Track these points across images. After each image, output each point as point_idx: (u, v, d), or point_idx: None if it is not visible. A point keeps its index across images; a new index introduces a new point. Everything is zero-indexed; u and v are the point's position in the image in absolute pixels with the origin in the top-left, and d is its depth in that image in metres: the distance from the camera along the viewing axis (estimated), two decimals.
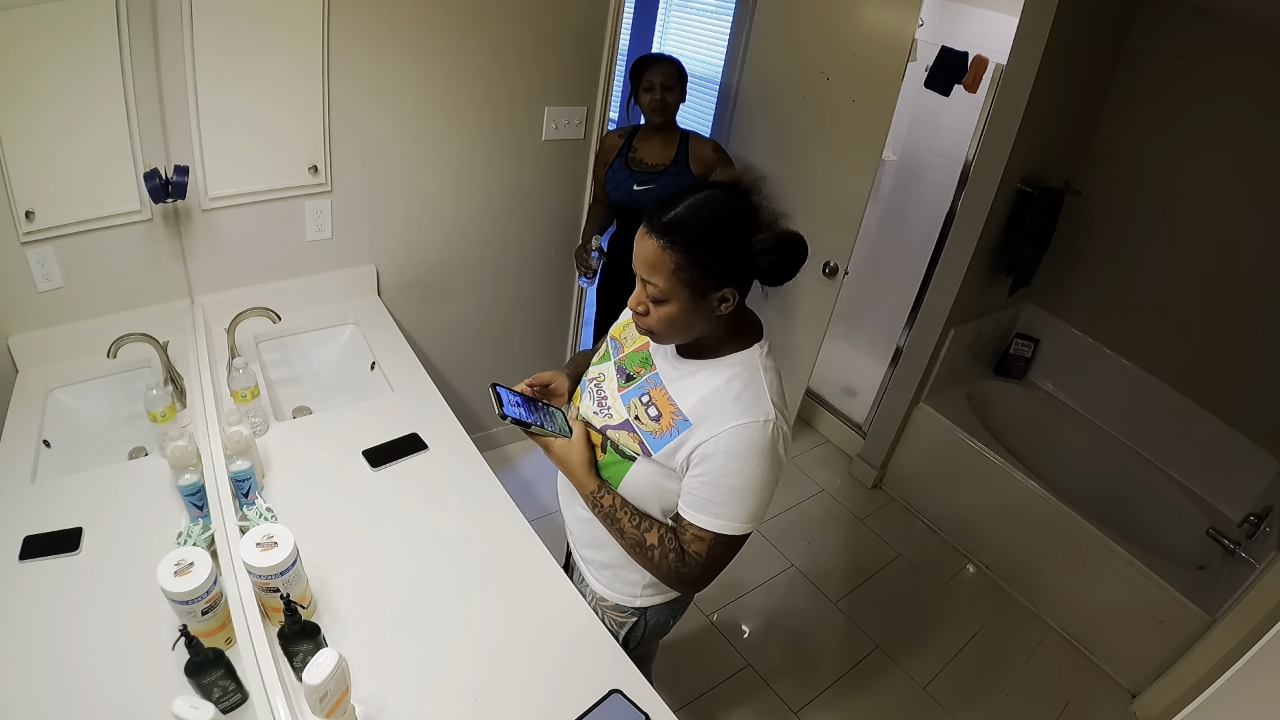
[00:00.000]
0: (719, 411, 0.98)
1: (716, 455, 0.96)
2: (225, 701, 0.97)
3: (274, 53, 1.60)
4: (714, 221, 0.92)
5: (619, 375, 1.12)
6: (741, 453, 0.95)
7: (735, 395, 0.98)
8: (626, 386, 1.10)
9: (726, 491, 0.97)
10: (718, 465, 0.97)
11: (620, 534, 1.08)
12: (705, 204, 0.93)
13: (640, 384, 1.08)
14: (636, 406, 1.07)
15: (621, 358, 1.14)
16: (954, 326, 2.55)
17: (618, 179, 2.12)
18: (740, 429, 0.95)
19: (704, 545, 1.01)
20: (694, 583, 1.06)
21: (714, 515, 0.99)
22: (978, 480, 2.54)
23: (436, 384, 1.76)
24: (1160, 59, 2.33)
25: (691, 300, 0.94)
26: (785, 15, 2.35)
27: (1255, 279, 2.29)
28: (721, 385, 0.99)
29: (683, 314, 0.95)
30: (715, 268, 0.92)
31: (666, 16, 3.94)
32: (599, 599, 1.25)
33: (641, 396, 1.07)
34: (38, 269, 1.38)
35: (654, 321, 0.97)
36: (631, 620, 1.25)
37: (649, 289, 0.95)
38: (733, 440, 0.95)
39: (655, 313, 0.96)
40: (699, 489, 0.99)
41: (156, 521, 1.24)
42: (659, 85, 2.03)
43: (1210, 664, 1.84)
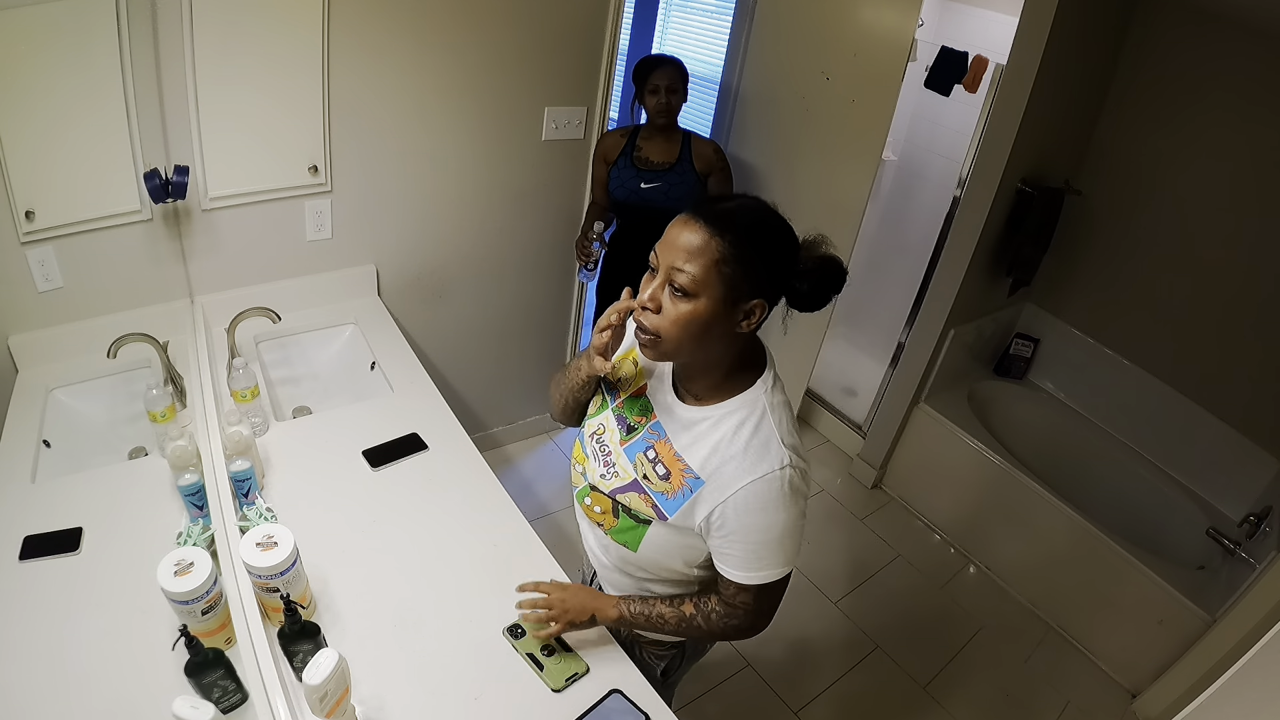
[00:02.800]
0: (729, 466, 0.90)
1: (737, 516, 0.90)
2: (225, 701, 0.97)
3: (274, 52, 1.60)
4: (768, 225, 0.86)
5: (620, 427, 1.03)
6: (760, 509, 0.89)
7: (744, 446, 0.90)
8: (629, 440, 1.01)
9: (756, 547, 0.92)
10: (741, 524, 0.91)
11: (664, 626, 1.06)
12: (759, 207, 0.87)
13: (642, 436, 1.00)
14: (643, 464, 0.99)
15: (619, 405, 1.05)
16: (954, 326, 2.55)
17: (623, 177, 2.12)
18: (755, 485, 0.88)
19: (749, 596, 0.97)
20: (750, 630, 1.03)
21: (753, 570, 0.94)
22: (978, 480, 2.54)
23: (436, 384, 1.76)
24: (1160, 59, 2.33)
25: (722, 302, 0.84)
26: (785, 15, 2.35)
27: (1255, 279, 2.29)
28: (729, 435, 0.91)
29: (705, 317, 0.84)
30: (757, 271, 0.83)
31: (666, 16, 3.94)
32: (636, 636, 1.20)
33: (647, 452, 0.99)
34: (38, 269, 1.38)
35: (666, 323, 0.85)
36: (671, 654, 1.22)
37: (679, 277, 0.83)
38: (750, 499, 0.89)
39: (674, 310, 0.84)
40: (729, 549, 0.94)
41: (156, 521, 1.24)
42: (664, 88, 2.03)
43: (1210, 664, 1.84)
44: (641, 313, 0.88)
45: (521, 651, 1.14)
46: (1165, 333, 2.55)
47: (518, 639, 1.16)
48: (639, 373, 1.03)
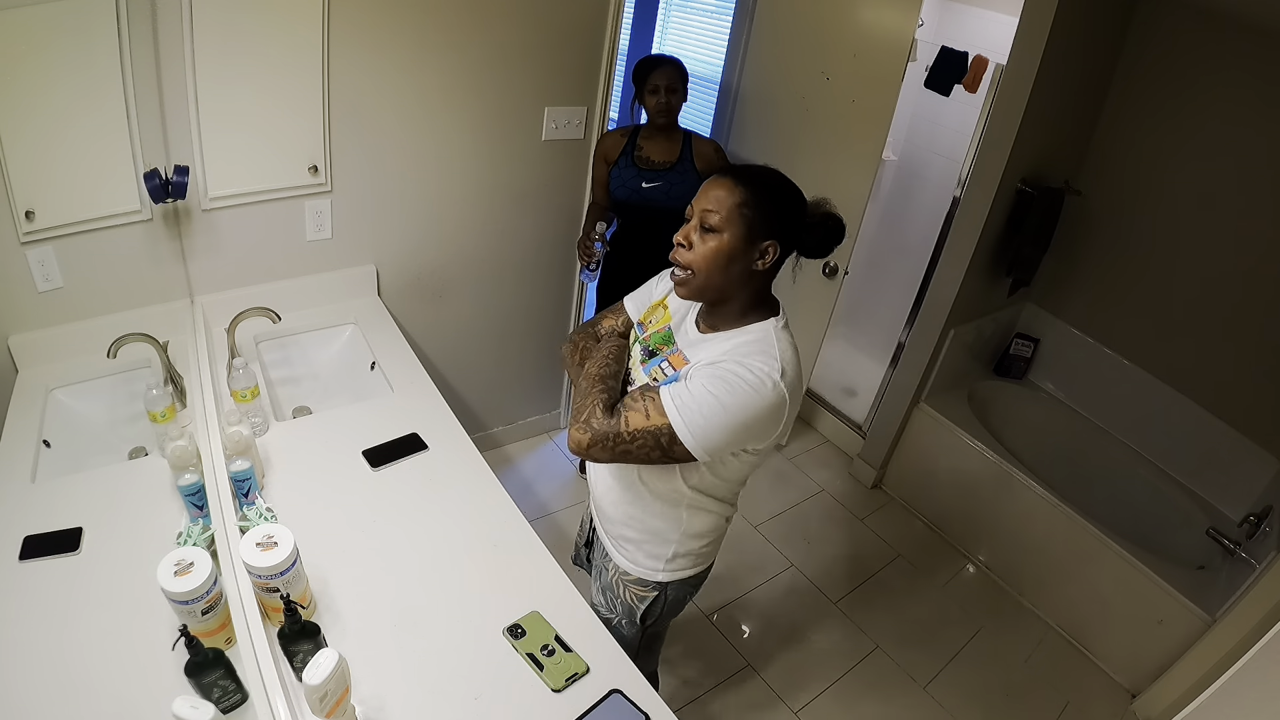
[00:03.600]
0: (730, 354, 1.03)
1: (718, 367, 1.01)
2: (225, 701, 0.97)
3: (274, 52, 1.59)
4: (781, 183, 1.06)
5: (642, 352, 1.19)
6: (735, 376, 0.99)
7: (750, 349, 1.03)
8: (647, 361, 1.17)
9: (703, 395, 0.99)
10: (714, 374, 1.00)
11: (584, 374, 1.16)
12: (774, 171, 1.07)
13: (661, 356, 1.15)
14: (655, 373, 1.14)
15: (645, 337, 1.21)
16: (954, 326, 2.55)
17: (624, 176, 2.12)
18: (746, 362, 1.00)
19: (644, 422, 1.01)
20: (596, 433, 1.03)
21: (679, 410, 1.00)
22: (977, 480, 2.54)
23: (436, 384, 1.76)
24: (1160, 59, 2.33)
25: (741, 239, 1.01)
26: (785, 15, 2.35)
27: (1255, 279, 2.29)
28: (738, 343, 1.05)
29: (727, 251, 1.02)
30: (772, 217, 1.02)
31: (666, 16, 3.94)
32: (622, 573, 1.30)
33: (661, 364, 1.14)
34: (38, 269, 1.38)
35: (696, 256, 1.03)
36: (652, 595, 1.30)
37: (709, 218, 1.02)
38: (734, 366, 1.00)
39: (703, 245, 1.03)
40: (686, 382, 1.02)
41: (156, 521, 1.24)
42: (664, 88, 2.03)
43: (1210, 664, 1.84)
44: (677, 250, 1.06)
45: (521, 651, 1.14)
46: (1165, 333, 2.55)
47: (518, 639, 1.16)
48: (666, 315, 1.20)
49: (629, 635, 1.36)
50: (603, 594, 1.38)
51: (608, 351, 1.20)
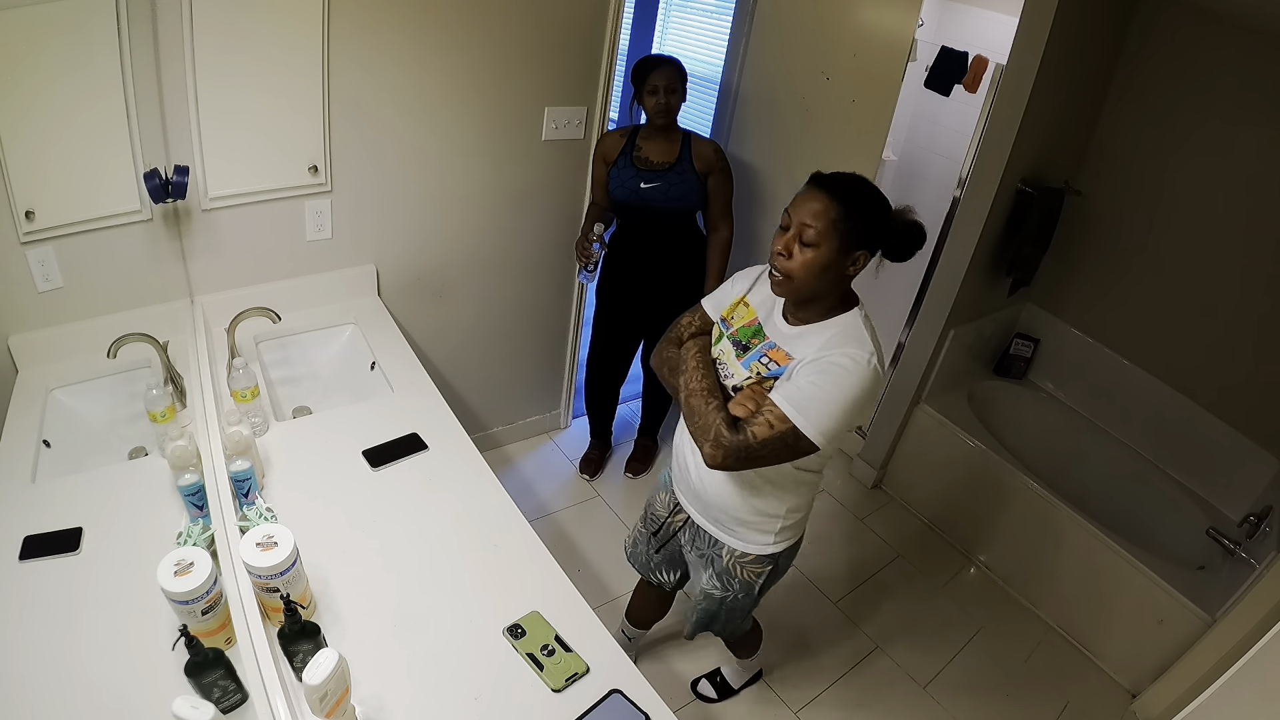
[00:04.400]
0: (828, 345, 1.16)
1: (820, 362, 1.13)
2: (225, 701, 0.97)
3: (275, 52, 1.59)
4: (872, 194, 1.15)
5: (735, 348, 1.29)
6: (839, 366, 1.12)
7: (843, 339, 1.16)
8: (744, 355, 1.27)
9: (815, 391, 1.12)
10: (816, 368, 1.13)
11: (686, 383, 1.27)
12: (865, 181, 1.16)
13: (757, 350, 1.26)
14: (757, 366, 1.24)
15: (733, 333, 1.30)
16: (954, 326, 2.55)
17: (623, 177, 2.12)
18: (845, 351, 1.13)
19: (769, 432, 1.14)
20: (729, 450, 1.15)
21: (798, 410, 1.12)
22: (978, 480, 2.54)
23: (436, 384, 1.76)
24: (1160, 59, 2.33)
25: (836, 251, 1.12)
26: (785, 15, 2.35)
27: (1255, 278, 2.29)
28: (831, 335, 1.18)
29: (823, 261, 1.12)
30: (863, 228, 1.12)
31: (666, 16, 3.94)
32: (738, 556, 1.40)
33: (760, 359, 1.24)
34: (38, 269, 1.38)
35: (795, 264, 1.14)
36: (768, 569, 1.42)
37: (807, 232, 1.11)
38: (838, 356, 1.13)
39: (800, 256, 1.13)
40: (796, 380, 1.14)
41: (156, 521, 1.24)
42: (664, 88, 2.03)
43: (1210, 664, 1.84)
44: (776, 257, 1.16)
45: (521, 651, 1.14)
46: (1165, 333, 2.55)
47: (518, 639, 1.16)
48: (749, 311, 1.30)
49: (744, 605, 1.51)
50: (717, 579, 1.47)
51: (698, 361, 1.29)
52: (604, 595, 2.19)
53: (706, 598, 1.50)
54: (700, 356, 1.29)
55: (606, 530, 2.46)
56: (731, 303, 1.35)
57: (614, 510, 2.55)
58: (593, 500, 2.58)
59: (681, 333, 1.40)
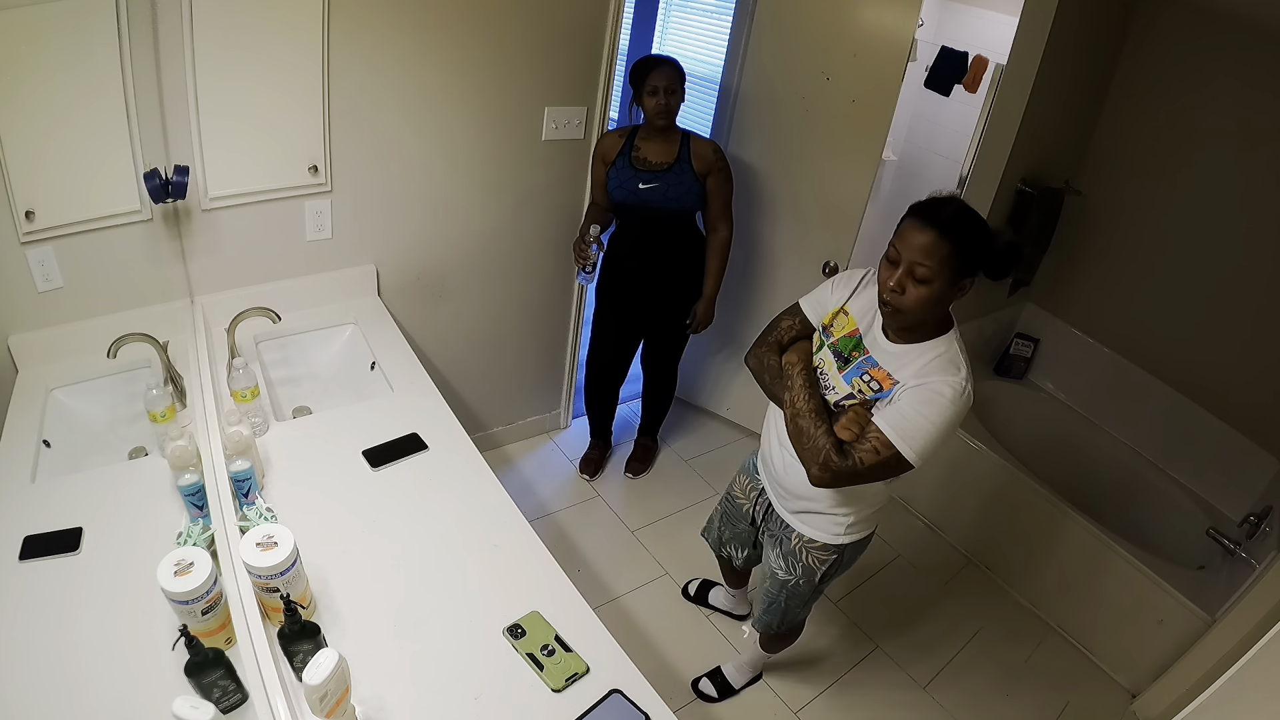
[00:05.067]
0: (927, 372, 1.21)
1: (923, 389, 1.20)
2: (225, 701, 0.97)
3: (275, 52, 1.59)
4: (976, 224, 1.18)
5: (836, 359, 1.34)
6: (937, 394, 1.19)
7: (943, 365, 1.21)
8: (845, 368, 1.32)
9: (919, 419, 1.19)
10: (920, 396, 1.19)
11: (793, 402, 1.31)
12: (967, 211, 1.19)
13: (858, 365, 1.30)
14: (859, 384, 1.29)
15: (834, 342, 1.35)
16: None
17: (622, 177, 2.11)
18: (945, 379, 1.19)
19: (875, 458, 1.21)
20: (836, 472, 1.23)
21: (902, 436, 1.19)
22: (978, 480, 2.54)
23: (436, 384, 1.76)
24: (1160, 59, 2.33)
25: (948, 285, 1.17)
26: (785, 15, 2.35)
27: (1255, 278, 2.29)
28: (932, 358, 1.23)
29: (937, 293, 1.17)
30: (970, 260, 1.17)
31: (666, 16, 3.94)
32: (806, 541, 1.49)
33: (862, 375, 1.29)
34: (38, 269, 1.38)
35: (910, 300, 1.18)
36: (833, 558, 1.50)
37: (919, 270, 1.16)
38: (936, 382, 1.19)
39: (914, 292, 1.17)
40: (896, 404, 1.21)
41: (156, 521, 1.24)
42: (664, 89, 2.02)
43: (1210, 664, 1.84)
44: (890, 293, 1.19)
45: (521, 651, 1.14)
46: (1165, 333, 2.55)
47: (518, 639, 1.16)
48: (850, 320, 1.34)
49: (804, 592, 1.58)
50: (783, 559, 1.56)
51: (804, 380, 1.33)
52: (604, 595, 2.19)
53: (772, 578, 1.61)
54: (805, 374, 1.33)
55: (606, 530, 2.46)
56: (832, 310, 1.38)
57: (614, 510, 2.54)
58: (593, 500, 2.58)
59: (781, 336, 1.44)
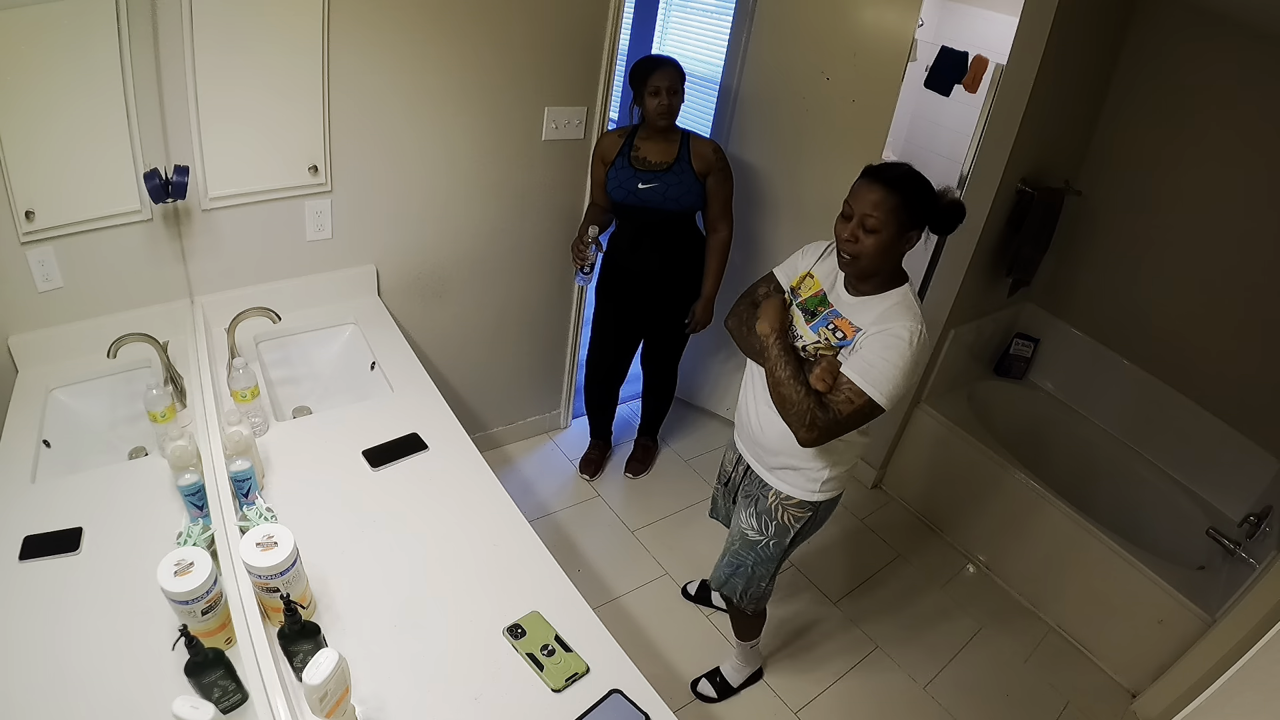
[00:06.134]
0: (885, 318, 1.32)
1: (880, 339, 1.30)
2: (225, 701, 0.97)
3: (275, 52, 1.60)
4: (920, 181, 1.31)
5: (804, 315, 1.45)
6: (896, 338, 1.29)
7: (899, 313, 1.32)
8: (811, 320, 1.43)
9: (883, 365, 1.29)
10: (881, 342, 1.29)
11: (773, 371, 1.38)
12: (912, 170, 1.31)
13: (824, 317, 1.42)
14: (824, 333, 1.40)
15: (801, 300, 1.47)
16: (954, 326, 2.55)
17: (621, 177, 2.11)
18: (903, 324, 1.30)
19: (850, 407, 1.31)
20: (822, 429, 1.32)
21: (870, 383, 1.29)
22: (978, 480, 2.54)
23: (436, 384, 1.76)
24: (1160, 59, 2.33)
25: (895, 234, 1.29)
26: (785, 15, 2.35)
27: (1255, 278, 2.29)
28: (889, 307, 1.34)
29: (885, 243, 1.29)
30: (917, 211, 1.29)
31: (666, 16, 3.94)
32: (783, 498, 1.55)
33: (827, 324, 1.40)
34: (38, 269, 1.38)
35: (862, 248, 1.30)
36: (808, 515, 1.56)
37: (869, 221, 1.28)
38: (897, 329, 1.29)
39: (865, 241, 1.29)
40: (864, 354, 1.31)
41: (156, 521, 1.24)
42: (665, 90, 2.02)
43: (1210, 664, 1.84)
44: (845, 243, 1.32)
45: (521, 651, 1.14)
46: (1165, 333, 2.55)
47: (518, 639, 1.16)
48: (815, 282, 1.47)
49: (773, 554, 1.63)
50: (756, 519, 1.61)
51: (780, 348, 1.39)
52: (604, 595, 2.19)
53: (741, 539, 1.64)
54: (781, 343, 1.40)
55: (606, 530, 2.46)
56: (799, 274, 1.51)
57: (614, 510, 2.55)
58: (593, 500, 2.58)
59: (758, 300, 1.54)
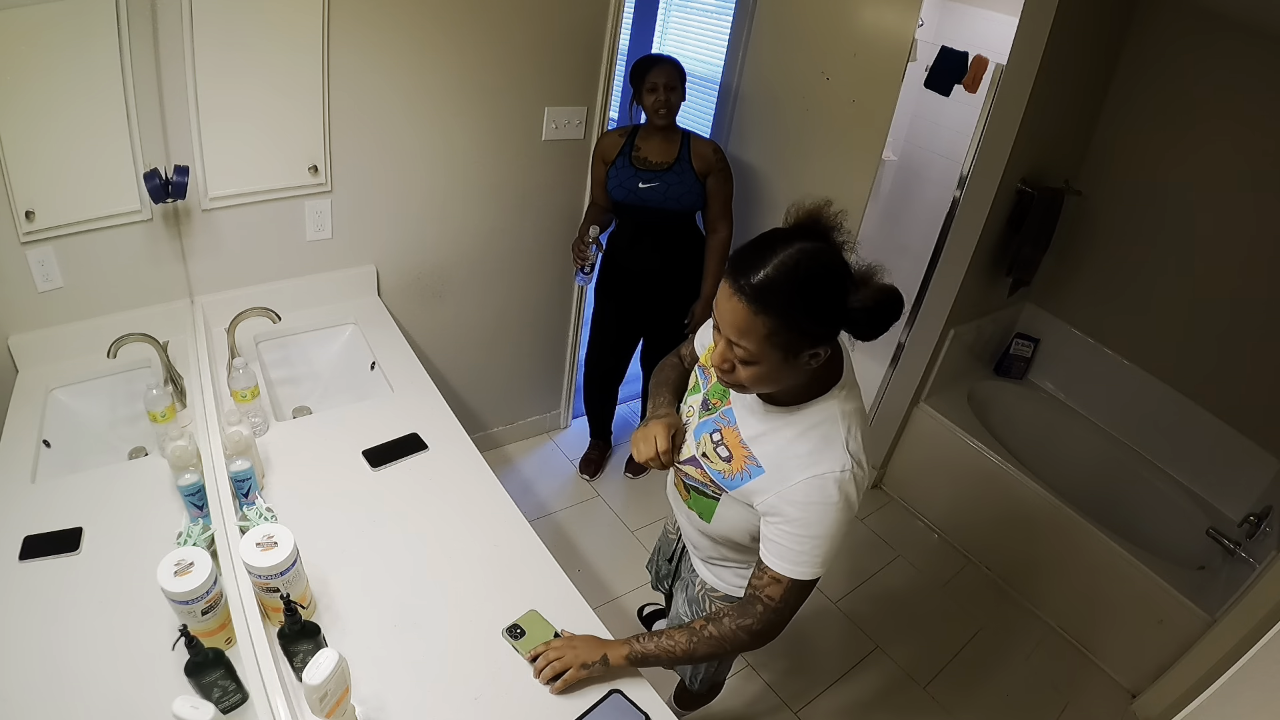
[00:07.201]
0: (793, 463, 0.99)
1: (794, 506, 0.99)
2: (225, 701, 0.97)
3: (275, 52, 1.59)
4: (809, 284, 0.88)
5: (702, 407, 1.15)
6: (816, 504, 0.97)
7: (810, 448, 0.99)
8: (704, 416, 1.13)
9: (805, 540, 0.99)
10: (795, 515, 0.99)
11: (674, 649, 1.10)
12: (796, 263, 0.87)
13: (715, 417, 1.11)
14: (706, 443, 1.11)
15: (708, 389, 1.15)
16: (954, 326, 2.55)
17: (622, 177, 2.12)
18: (815, 480, 0.97)
19: (780, 589, 1.03)
20: (768, 633, 1.07)
21: (792, 563, 1.01)
22: (978, 480, 2.54)
23: (436, 384, 1.76)
24: (1161, 59, 2.33)
25: (783, 360, 0.92)
26: (785, 15, 2.35)
27: (1255, 278, 2.29)
28: (799, 434, 1.00)
29: (771, 372, 0.93)
30: (806, 330, 0.89)
31: (666, 16, 3.94)
32: (709, 589, 1.32)
33: (713, 434, 1.10)
34: (38, 269, 1.38)
35: (742, 378, 0.95)
36: None
37: (737, 350, 0.92)
38: (808, 491, 0.97)
39: (743, 371, 0.94)
40: (777, 536, 1.01)
41: (156, 521, 1.24)
42: (663, 86, 2.02)
43: (1210, 664, 1.84)
44: (720, 374, 0.98)
45: (522, 652, 1.14)
46: (1165, 333, 2.55)
47: (518, 639, 1.16)
48: None
49: None
50: (688, 605, 1.39)
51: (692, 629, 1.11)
52: (604, 595, 2.19)
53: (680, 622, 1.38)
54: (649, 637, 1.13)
55: (606, 530, 2.46)
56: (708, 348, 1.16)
57: (614, 510, 2.55)
58: (593, 500, 2.58)
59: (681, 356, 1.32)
